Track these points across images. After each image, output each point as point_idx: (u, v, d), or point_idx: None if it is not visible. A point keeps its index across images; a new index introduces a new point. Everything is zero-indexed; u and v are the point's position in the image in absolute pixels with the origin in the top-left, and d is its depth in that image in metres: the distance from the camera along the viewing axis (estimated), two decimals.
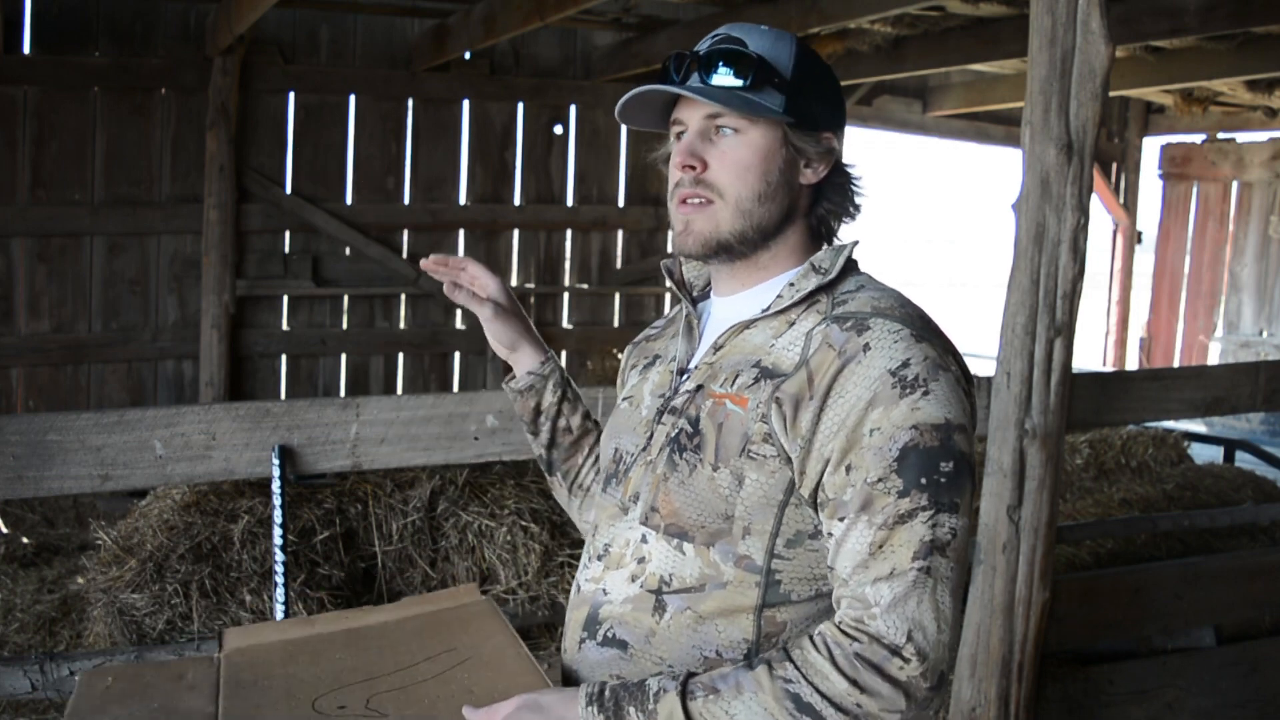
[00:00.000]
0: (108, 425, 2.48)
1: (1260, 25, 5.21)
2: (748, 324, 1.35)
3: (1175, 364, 9.27)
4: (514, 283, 7.08)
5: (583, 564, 1.44)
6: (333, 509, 3.02)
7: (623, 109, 1.39)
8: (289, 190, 6.38)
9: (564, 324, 7.28)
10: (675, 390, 1.39)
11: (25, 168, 5.76)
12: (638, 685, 1.22)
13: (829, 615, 1.28)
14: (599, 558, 1.40)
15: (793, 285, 1.33)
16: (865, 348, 1.24)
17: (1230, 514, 3.81)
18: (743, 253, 1.36)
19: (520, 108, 6.96)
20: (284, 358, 6.55)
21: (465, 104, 6.81)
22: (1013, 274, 2.48)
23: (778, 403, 1.26)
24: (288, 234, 6.44)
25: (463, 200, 6.88)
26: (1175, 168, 9.27)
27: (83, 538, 4.36)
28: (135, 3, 5.89)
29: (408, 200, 6.72)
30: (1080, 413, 3.11)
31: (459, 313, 6.94)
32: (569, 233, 7.24)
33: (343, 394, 6.62)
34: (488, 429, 2.78)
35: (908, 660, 1.16)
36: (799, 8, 5.18)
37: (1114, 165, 8.95)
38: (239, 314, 6.27)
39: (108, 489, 2.52)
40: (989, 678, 2.58)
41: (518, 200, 7.03)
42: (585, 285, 7.31)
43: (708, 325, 1.43)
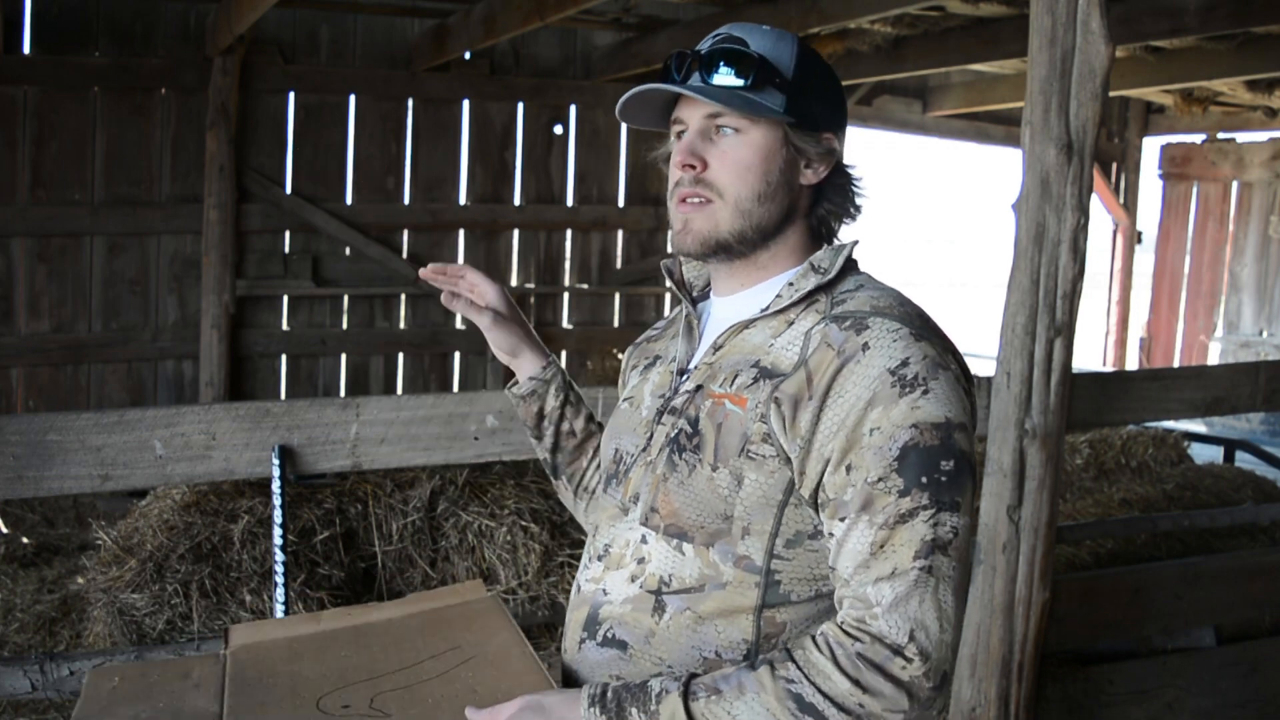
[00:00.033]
0: (108, 425, 2.48)
1: (1260, 25, 5.21)
2: (747, 324, 1.34)
3: (1175, 364, 9.27)
4: (514, 283, 7.08)
5: (583, 564, 1.44)
6: (333, 509, 3.02)
7: (623, 108, 1.39)
8: (289, 190, 6.37)
9: (564, 324, 7.28)
10: (675, 390, 1.39)
11: (25, 168, 5.76)
12: (640, 686, 1.22)
13: (829, 616, 1.28)
14: (599, 558, 1.40)
15: (792, 285, 1.33)
16: (864, 347, 1.24)
17: (1230, 514, 3.81)
18: (742, 252, 1.35)
19: (520, 108, 6.95)
20: (284, 358, 6.55)
21: (465, 104, 6.81)
22: (1013, 274, 2.48)
23: (776, 403, 1.26)
24: (288, 234, 6.44)
25: (463, 200, 6.87)
26: (1175, 168, 9.26)
27: (83, 538, 4.36)
28: (135, 3, 5.89)
29: (408, 200, 6.72)
30: (1080, 413, 3.11)
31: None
32: (569, 233, 7.24)
33: (343, 394, 6.62)
34: (488, 429, 2.78)
35: (910, 660, 1.16)
36: (799, 8, 5.18)
37: (1114, 165, 8.95)
38: (239, 314, 6.27)
39: (108, 489, 2.52)
40: (989, 678, 2.59)
41: (518, 200, 7.03)
42: (585, 285, 7.31)
43: (707, 325, 1.43)
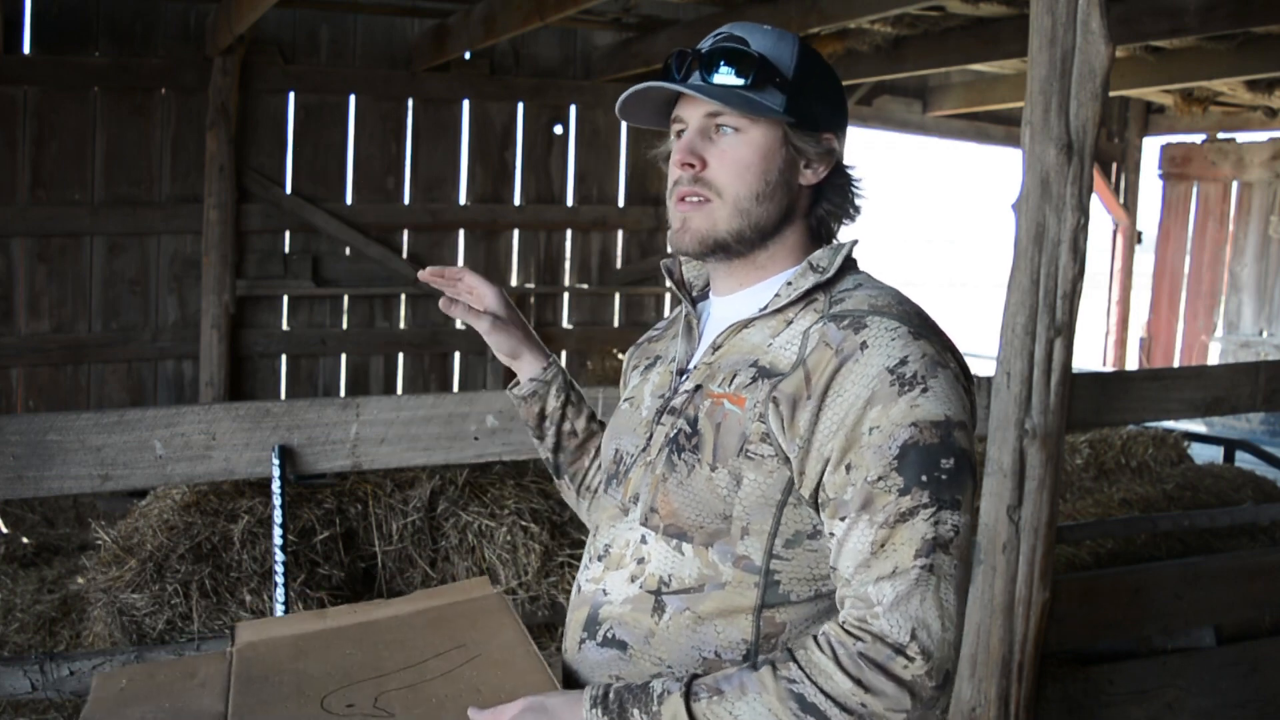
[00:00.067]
0: (108, 425, 2.48)
1: (1260, 25, 5.21)
2: (746, 323, 1.34)
3: (1175, 364, 9.27)
4: (514, 283, 7.08)
5: (584, 564, 1.44)
6: (333, 509, 3.01)
7: (623, 106, 1.39)
8: (289, 190, 6.37)
9: (564, 324, 7.28)
10: (674, 391, 1.39)
11: (25, 168, 5.76)
12: (641, 687, 1.22)
13: (829, 616, 1.28)
14: (599, 558, 1.40)
15: (790, 284, 1.33)
16: (863, 346, 1.23)
17: (1230, 514, 3.81)
18: (740, 252, 1.35)
19: (520, 108, 6.95)
20: (284, 358, 6.55)
21: (465, 104, 6.81)
22: (1013, 274, 2.48)
23: (774, 402, 1.25)
24: (288, 234, 6.44)
25: (463, 200, 6.87)
26: (1175, 168, 9.26)
27: (83, 538, 4.36)
28: (135, 3, 5.89)
29: (408, 200, 6.72)
30: (1080, 413, 3.11)
31: None
32: (569, 233, 7.24)
33: (343, 394, 6.62)
34: (488, 429, 2.78)
35: (912, 659, 1.16)
36: (799, 8, 5.18)
37: (1114, 165, 8.95)
38: (239, 314, 6.27)
39: (108, 489, 2.52)
40: (989, 678, 2.58)
41: (518, 200, 7.03)
42: (585, 285, 7.31)
43: (707, 325, 1.43)
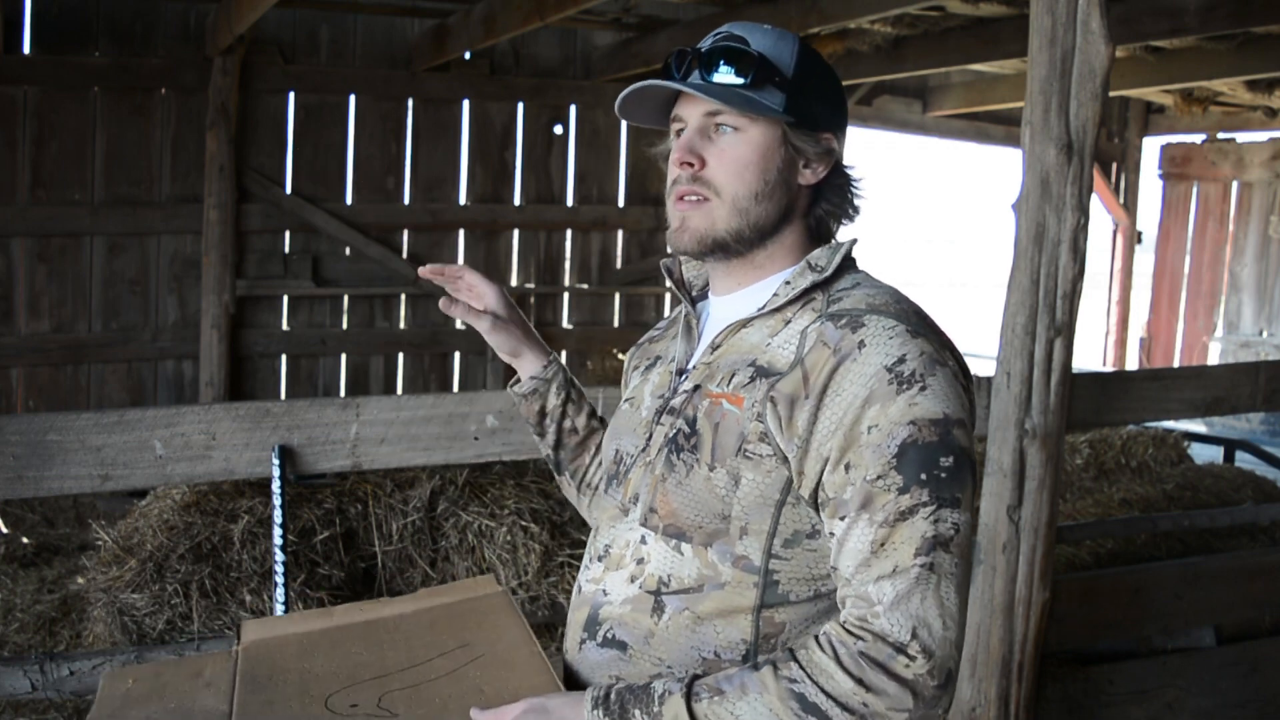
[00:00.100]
0: (108, 425, 2.48)
1: (1260, 25, 5.21)
2: (744, 323, 1.34)
3: (1175, 364, 9.27)
4: (514, 283, 7.08)
5: (584, 565, 1.44)
6: (333, 509, 3.01)
7: (623, 104, 1.39)
8: (289, 190, 6.37)
9: (564, 324, 7.28)
10: (674, 391, 1.39)
11: (25, 168, 5.76)
12: (643, 688, 1.22)
13: (828, 616, 1.28)
14: (599, 559, 1.40)
15: (788, 283, 1.33)
16: (860, 345, 1.23)
17: (1230, 514, 3.81)
18: (739, 251, 1.35)
19: (520, 108, 6.95)
20: (284, 358, 6.55)
21: (465, 104, 6.81)
22: (1013, 274, 2.48)
23: (772, 402, 1.25)
24: (288, 234, 6.44)
25: (463, 200, 6.87)
26: (1175, 168, 9.26)
27: (83, 538, 4.36)
28: (135, 3, 5.89)
29: (408, 200, 6.72)
30: (1080, 413, 3.11)
31: None
32: (569, 233, 7.24)
33: (343, 394, 6.62)
34: (488, 429, 2.78)
35: (913, 658, 1.15)
36: (799, 8, 5.18)
37: (1114, 165, 8.95)
38: (239, 314, 6.27)
39: (108, 489, 2.52)
40: (989, 678, 2.58)
41: (518, 200, 7.03)
42: (585, 285, 7.31)
43: (706, 325, 1.43)
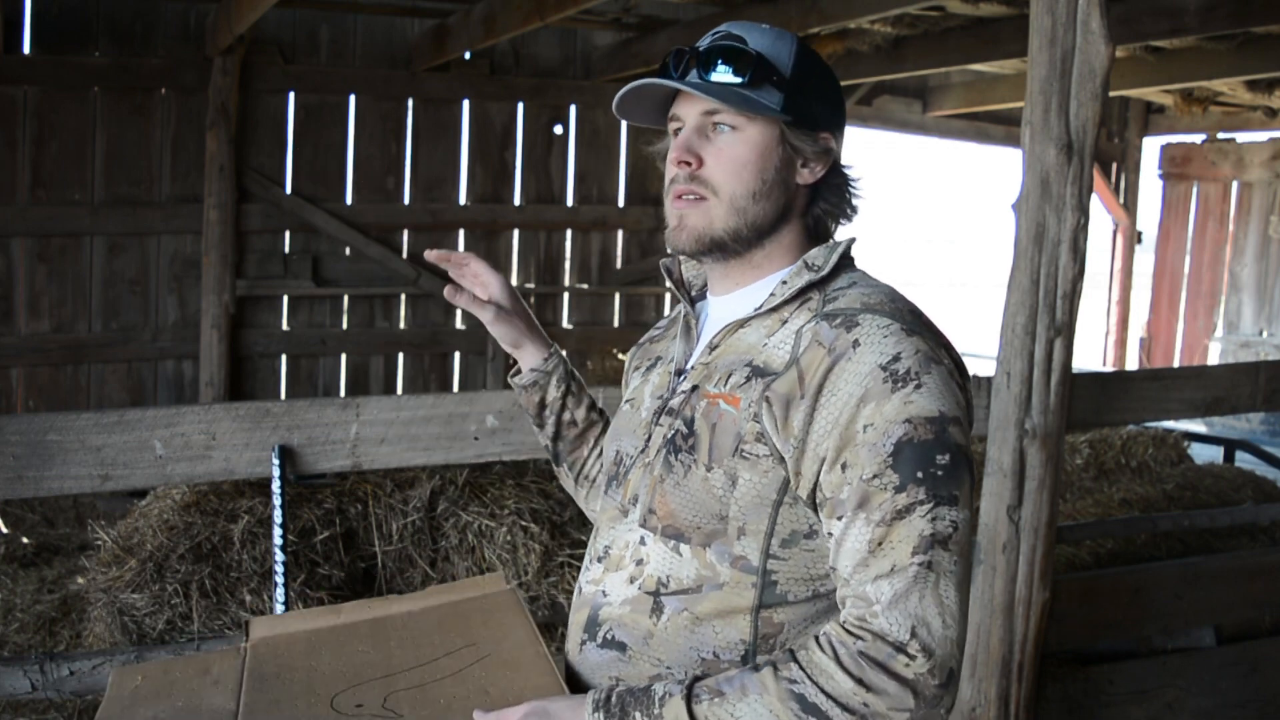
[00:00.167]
0: (108, 425, 2.48)
1: (1260, 25, 5.21)
2: (742, 323, 1.34)
3: (1175, 364, 9.27)
4: (514, 283, 7.05)
5: (584, 566, 1.44)
6: (333, 509, 3.01)
7: (620, 104, 1.39)
8: (289, 190, 6.38)
9: (564, 324, 7.28)
10: (672, 391, 1.39)
11: (25, 168, 5.76)
12: (643, 690, 1.22)
13: (827, 616, 1.28)
14: (599, 560, 1.40)
15: (785, 283, 1.33)
16: (855, 344, 1.23)
17: (1230, 514, 3.80)
18: (736, 250, 1.35)
19: (520, 108, 6.96)
20: (284, 358, 6.55)
21: (465, 104, 6.81)
22: (1013, 274, 2.47)
23: (768, 402, 1.25)
24: (288, 234, 6.44)
25: (463, 200, 6.88)
26: (1175, 168, 9.26)
27: (83, 538, 4.35)
28: (135, 3, 5.89)
29: (408, 200, 6.72)
30: (1080, 413, 3.11)
31: (459, 312, 6.94)
32: (569, 233, 7.24)
33: (343, 394, 6.62)
34: (488, 429, 2.78)
35: (913, 657, 1.15)
36: (799, 8, 5.18)
37: (1114, 165, 8.95)
38: (239, 314, 6.27)
39: (108, 489, 2.51)
40: (989, 678, 2.59)
41: (518, 200, 7.03)
42: (585, 285, 7.31)
43: (705, 325, 1.43)
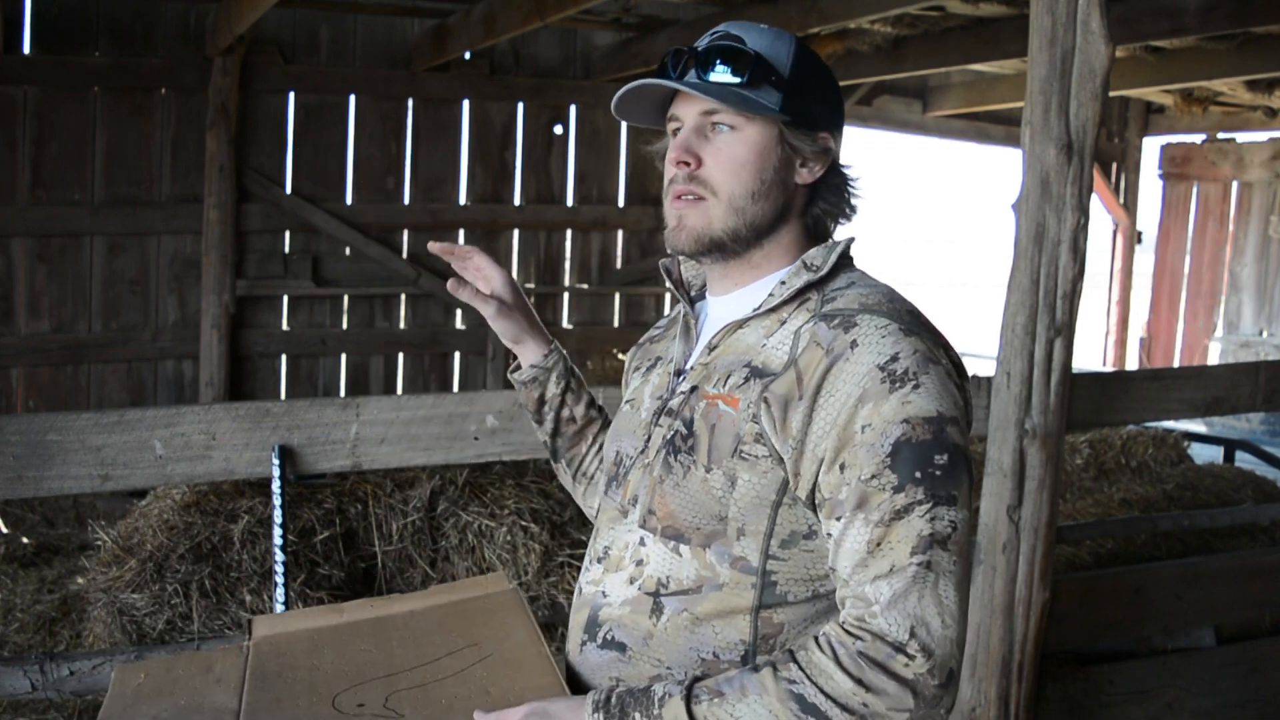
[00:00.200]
0: (108, 425, 2.48)
1: (1260, 25, 5.21)
2: (741, 323, 1.34)
3: (1175, 364, 9.27)
4: None
5: (585, 566, 1.44)
6: (333, 509, 3.01)
7: (619, 104, 1.39)
8: (289, 190, 6.38)
9: (564, 324, 7.28)
10: (672, 392, 1.39)
11: (25, 168, 5.76)
12: (643, 691, 1.22)
13: (827, 616, 1.28)
14: (599, 560, 1.40)
15: (784, 283, 1.33)
16: (853, 345, 1.23)
17: (1230, 514, 3.80)
18: (736, 251, 1.35)
19: (520, 108, 6.96)
20: (284, 358, 6.55)
21: (465, 104, 6.81)
22: (1013, 274, 2.47)
23: (766, 403, 1.25)
24: (288, 234, 6.44)
25: (463, 200, 6.88)
26: (1175, 168, 9.26)
27: (83, 538, 4.35)
28: (135, 3, 5.89)
29: (408, 200, 6.72)
30: (1080, 413, 3.11)
31: (459, 313, 6.95)
32: (569, 233, 7.24)
33: (343, 394, 6.62)
34: (488, 429, 2.78)
35: (912, 657, 1.15)
36: (799, 8, 5.18)
37: (1114, 165, 8.95)
38: (239, 314, 6.27)
39: (108, 489, 2.52)
40: (989, 678, 2.58)
41: (518, 200, 7.03)
42: (585, 285, 7.31)
43: (704, 325, 1.43)
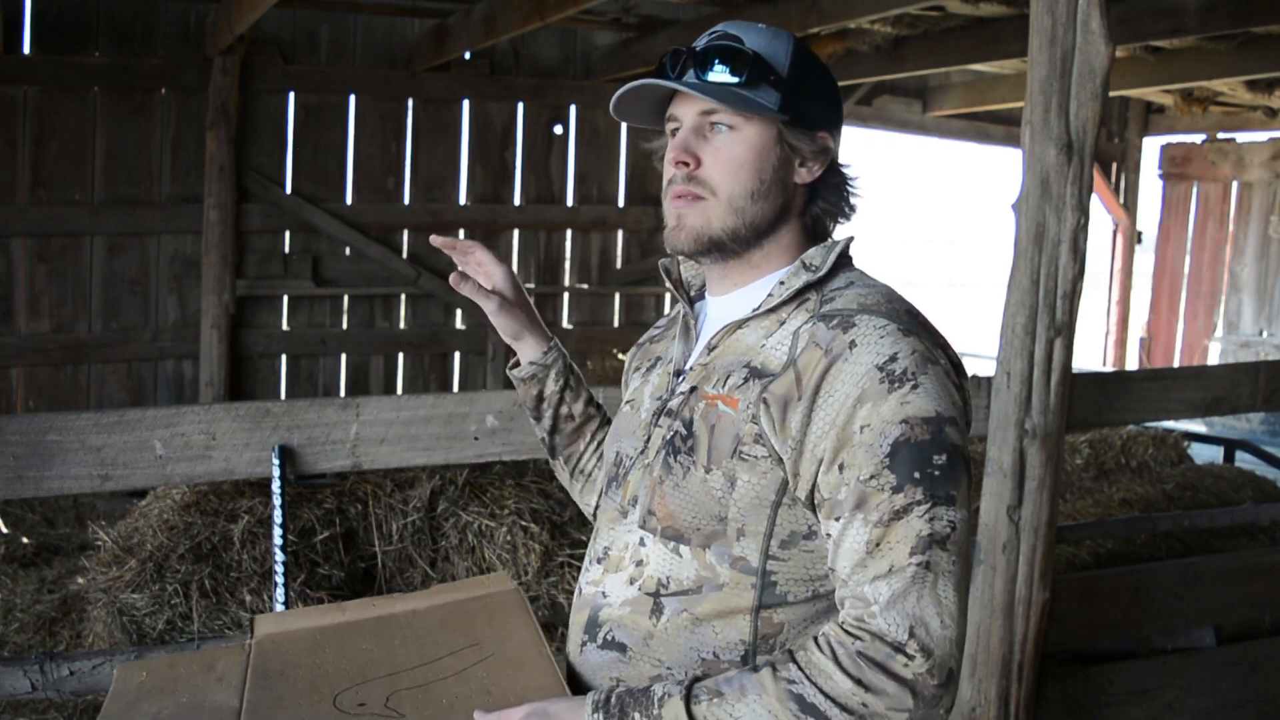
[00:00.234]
0: (108, 425, 2.48)
1: (1260, 25, 5.21)
2: (740, 324, 1.34)
3: (1175, 364, 9.27)
4: None
5: (585, 567, 1.44)
6: (333, 509, 3.02)
7: (618, 104, 1.38)
8: (289, 190, 6.38)
9: (564, 324, 7.28)
10: (671, 392, 1.39)
11: (25, 168, 5.76)
12: (643, 691, 1.22)
13: (827, 616, 1.28)
14: (599, 561, 1.40)
15: (783, 283, 1.33)
16: (851, 345, 1.23)
17: (1230, 514, 3.80)
18: (735, 250, 1.35)
19: (520, 108, 6.96)
20: (284, 358, 6.55)
21: (465, 104, 6.81)
22: (1013, 274, 2.48)
23: (765, 403, 1.25)
24: (288, 234, 6.44)
25: (463, 200, 6.88)
26: (1175, 168, 9.26)
27: (83, 538, 4.36)
28: (135, 3, 5.89)
29: (408, 200, 6.72)
30: (1080, 413, 3.11)
31: (459, 313, 6.95)
32: (569, 233, 7.24)
33: (343, 394, 6.62)
34: (488, 429, 2.78)
35: (912, 657, 1.15)
36: (799, 8, 5.18)
37: (1114, 165, 8.95)
38: (239, 314, 6.27)
39: (108, 489, 2.52)
40: (989, 678, 2.58)
41: (518, 200, 7.03)
42: (585, 285, 7.31)
43: (704, 325, 1.43)
